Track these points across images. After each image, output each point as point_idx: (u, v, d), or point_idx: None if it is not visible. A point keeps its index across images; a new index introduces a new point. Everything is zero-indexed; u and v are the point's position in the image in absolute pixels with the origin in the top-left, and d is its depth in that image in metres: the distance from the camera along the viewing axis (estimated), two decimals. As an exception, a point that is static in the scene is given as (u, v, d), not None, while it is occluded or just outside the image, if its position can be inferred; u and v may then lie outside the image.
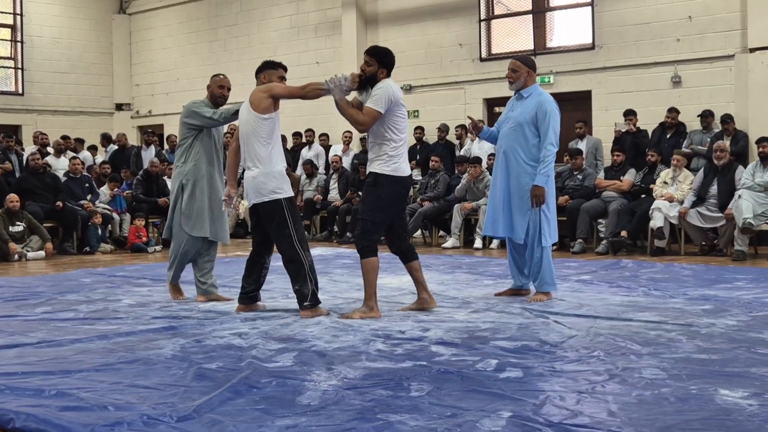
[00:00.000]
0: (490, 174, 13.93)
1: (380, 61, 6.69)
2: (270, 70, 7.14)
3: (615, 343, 5.47)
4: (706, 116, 13.33)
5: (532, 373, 4.72)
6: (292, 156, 16.99)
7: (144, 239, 14.16)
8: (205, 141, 7.91)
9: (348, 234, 14.81)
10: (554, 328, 6.08)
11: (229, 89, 8.16)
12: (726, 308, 6.89)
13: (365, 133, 7.43)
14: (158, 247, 14.19)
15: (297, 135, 17.86)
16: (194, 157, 7.82)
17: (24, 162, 16.03)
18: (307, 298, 6.75)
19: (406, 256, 6.98)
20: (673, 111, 13.63)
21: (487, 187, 13.68)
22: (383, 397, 4.22)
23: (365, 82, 6.67)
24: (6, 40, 21.75)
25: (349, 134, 16.89)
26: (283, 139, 15.11)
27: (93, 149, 18.89)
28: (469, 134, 15.53)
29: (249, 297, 7.23)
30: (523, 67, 7.52)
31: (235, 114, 7.56)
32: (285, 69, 7.21)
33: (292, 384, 4.51)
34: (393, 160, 6.65)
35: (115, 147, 18.16)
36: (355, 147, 17.37)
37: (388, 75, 6.72)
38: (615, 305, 7.15)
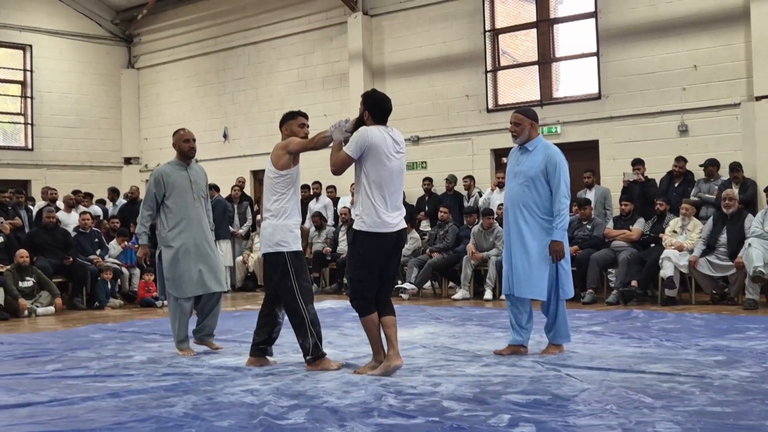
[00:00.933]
0: (500, 225, 14.01)
1: (364, 103, 6.58)
2: (290, 120, 7.15)
3: (628, 396, 5.44)
4: (709, 166, 13.35)
5: (545, 428, 4.69)
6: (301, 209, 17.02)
7: (154, 293, 14.16)
8: (179, 202, 7.91)
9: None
10: (566, 382, 6.04)
11: (194, 140, 8.05)
12: (739, 359, 6.85)
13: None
14: (167, 302, 14.11)
15: (305, 188, 17.91)
16: (171, 222, 7.89)
17: (34, 217, 16.11)
18: (309, 352, 6.84)
19: (384, 310, 6.63)
20: (681, 160, 13.66)
21: (497, 238, 13.68)
22: (396, 454, 4.20)
23: (358, 124, 6.58)
24: (16, 95, 21.96)
25: (358, 186, 16.90)
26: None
27: (101, 203, 18.92)
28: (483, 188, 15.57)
29: (259, 350, 7.22)
30: (525, 120, 7.45)
31: (146, 220, 8.00)
32: (305, 116, 7.20)
33: (304, 442, 4.49)
34: (370, 215, 6.38)
35: (125, 201, 18.19)
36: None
37: (377, 120, 6.52)
38: (627, 357, 7.11)
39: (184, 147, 7.96)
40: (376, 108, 6.56)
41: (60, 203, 16.71)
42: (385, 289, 6.67)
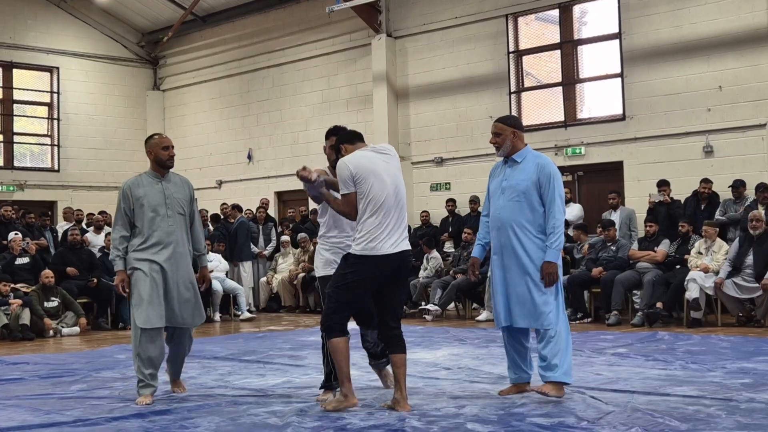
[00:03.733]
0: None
1: (337, 140, 6.31)
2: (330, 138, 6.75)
3: (653, 419, 5.40)
4: (738, 187, 13.28)
5: (570, 452, 4.66)
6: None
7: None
8: (146, 219, 6.79)
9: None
10: (591, 404, 6.01)
11: (173, 147, 6.97)
12: (766, 382, 6.79)
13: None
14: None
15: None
16: (137, 241, 6.78)
17: (60, 237, 16.22)
18: (323, 381, 6.61)
19: (389, 347, 6.11)
20: (707, 182, 13.58)
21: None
22: (420, 477, 4.18)
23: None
24: (43, 117, 22.13)
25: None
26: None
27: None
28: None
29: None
30: (506, 129, 6.51)
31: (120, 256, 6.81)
32: (331, 133, 6.69)
33: (327, 464, 4.48)
34: (365, 239, 5.90)
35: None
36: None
37: (355, 143, 6.17)
38: (652, 379, 7.06)
39: (162, 155, 6.82)
40: (346, 135, 6.29)
41: (84, 225, 16.81)
42: (391, 318, 6.08)
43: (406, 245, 6.04)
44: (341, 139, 6.25)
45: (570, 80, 16.40)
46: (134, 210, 6.78)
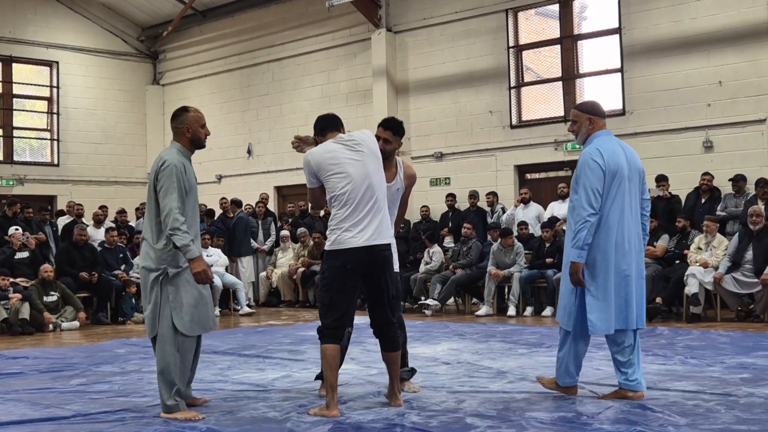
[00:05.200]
0: (520, 242, 13.99)
1: (315, 127, 6.19)
2: None
3: (653, 414, 5.41)
4: (738, 180, 13.28)
5: (569, 446, 4.67)
6: (324, 223, 17.05)
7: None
8: (192, 207, 5.95)
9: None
10: (591, 399, 6.01)
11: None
12: (765, 377, 6.79)
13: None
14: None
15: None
16: (192, 231, 5.87)
17: (59, 232, 16.21)
18: (319, 372, 6.40)
19: (384, 343, 5.94)
20: (707, 175, 13.58)
21: (518, 255, 13.72)
22: (419, 471, 4.18)
23: None
24: (42, 112, 22.11)
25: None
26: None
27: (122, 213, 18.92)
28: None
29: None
30: (581, 115, 6.16)
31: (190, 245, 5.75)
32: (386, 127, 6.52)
33: (327, 458, 4.49)
34: (334, 233, 5.75)
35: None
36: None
37: (328, 132, 6.03)
38: (651, 374, 7.06)
39: (201, 133, 6.06)
40: (317, 126, 6.14)
41: (85, 219, 16.80)
42: (386, 316, 5.88)
43: (380, 239, 5.76)
44: (315, 132, 6.16)
45: (570, 75, 16.39)
46: (186, 192, 5.85)
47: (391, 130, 6.41)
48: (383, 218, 5.85)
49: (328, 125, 6.10)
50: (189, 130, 6.00)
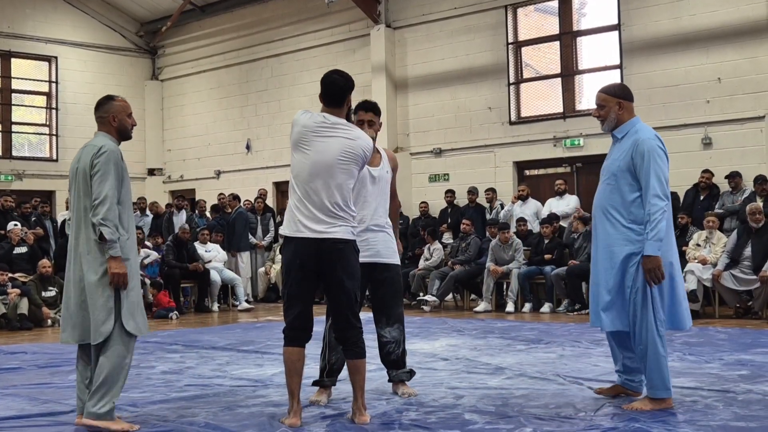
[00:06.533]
0: (518, 238, 13.99)
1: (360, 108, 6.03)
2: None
3: (651, 411, 5.39)
4: (734, 177, 13.28)
5: (567, 442, 4.67)
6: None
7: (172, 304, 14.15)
8: (128, 196, 5.57)
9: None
10: (589, 395, 6.01)
11: None
12: (763, 374, 6.79)
13: None
14: (174, 314, 13.91)
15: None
16: (124, 223, 5.40)
17: (59, 228, 16.21)
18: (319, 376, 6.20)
19: (346, 350, 5.43)
20: (707, 172, 13.58)
21: (516, 251, 13.73)
22: (417, 467, 4.18)
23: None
24: (41, 107, 22.10)
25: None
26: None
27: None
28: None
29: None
30: (611, 100, 5.72)
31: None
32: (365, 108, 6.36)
33: (325, 453, 4.49)
34: (288, 215, 5.31)
35: (151, 216, 18.18)
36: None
37: (328, 103, 5.55)
38: (650, 371, 7.06)
39: (128, 123, 5.72)
40: (326, 91, 5.58)
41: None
42: (341, 318, 5.38)
43: (338, 233, 5.21)
44: (323, 94, 5.59)
45: (569, 71, 16.38)
46: (122, 182, 5.49)
47: (373, 111, 6.26)
48: (341, 209, 5.27)
49: (335, 99, 5.54)
50: (115, 119, 5.63)
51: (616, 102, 5.68)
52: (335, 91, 5.52)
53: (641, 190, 5.46)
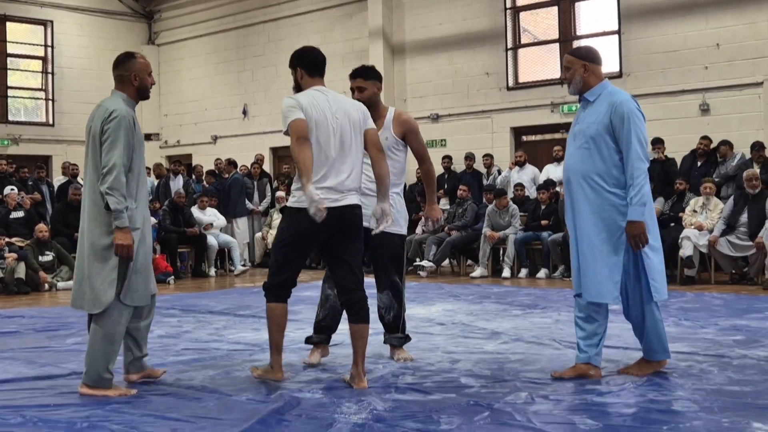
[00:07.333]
0: (515, 204, 14.00)
1: (295, 62, 5.66)
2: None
3: (646, 375, 5.42)
4: (721, 146, 13.22)
5: (562, 406, 4.69)
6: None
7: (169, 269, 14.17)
8: (140, 162, 5.40)
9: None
10: (584, 360, 6.03)
11: None
12: (758, 339, 6.82)
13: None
14: (171, 279, 13.97)
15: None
16: (133, 190, 5.27)
17: (55, 192, 16.20)
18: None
19: (350, 315, 5.44)
20: (705, 138, 13.54)
21: (513, 216, 13.74)
22: (413, 430, 4.21)
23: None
24: (37, 71, 22.02)
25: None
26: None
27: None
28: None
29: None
30: (576, 62, 5.57)
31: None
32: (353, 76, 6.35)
33: (321, 416, 4.51)
34: (298, 186, 5.30)
35: (154, 179, 18.20)
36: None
37: (313, 74, 5.59)
38: (645, 336, 7.09)
39: (148, 82, 5.54)
40: (306, 61, 5.60)
41: (80, 179, 16.77)
42: (346, 282, 5.42)
43: (351, 200, 5.35)
44: (307, 67, 5.59)
45: (567, 37, 16.32)
46: (134, 148, 5.29)
47: (361, 76, 6.21)
48: (355, 175, 5.41)
49: (318, 67, 5.63)
50: (137, 78, 5.47)
51: (582, 64, 5.54)
52: (322, 59, 5.65)
53: (621, 153, 5.33)
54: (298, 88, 5.58)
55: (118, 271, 5.15)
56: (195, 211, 15.61)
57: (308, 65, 5.58)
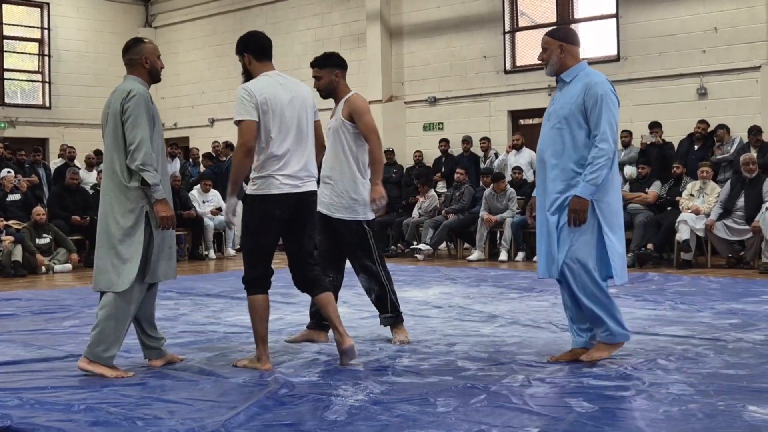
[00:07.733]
0: (512, 187, 14.00)
1: (242, 48, 5.73)
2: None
3: (642, 358, 5.44)
4: (718, 130, 13.21)
5: (559, 389, 4.71)
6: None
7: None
8: (159, 141, 5.48)
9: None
10: (581, 343, 6.04)
11: None
12: (754, 322, 6.84)
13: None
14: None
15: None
16: (160, 168, 5.38)
17: (52, 175, 16.17)
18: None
19: (311, 289, 5.54)
20: (702, 122, 13.53)
21: (510, 200, 13.75)
22: (409, 412, 4.22)
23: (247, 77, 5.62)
24: (33, 54, 21.93)
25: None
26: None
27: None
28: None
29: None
30: (553, 43, 5.46)
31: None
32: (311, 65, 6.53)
33: (318, 399, 4.52)
34: (259, 175, 5.37)
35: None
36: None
37: (262, 59, 5.66)
38: (641, 319, 7.12)
39: (158, 65, 5.69)
40: (257, 44, 5.71)
41: (77, 162, 16.76)
42: (303, 264, 5.53)
43: (309, 186, 5.47)
44: (255, 52, 5.67)
45: (565, 20, 16.26)
46: (153, 126, 5.39)
47: (316, 65, 6.36)
48: (308, 161, 5.50)
49: (266, 52, 5.72)
50: (147, 61, 5.58)
51: (558, 45, 5.43)
52: (269, 43, 5.79)
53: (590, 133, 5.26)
54: (247, 74, 5.61)
55: (141, 250, 5.22)
56: (196, 194, 15.61)
57: (255, 50, 5.65)
